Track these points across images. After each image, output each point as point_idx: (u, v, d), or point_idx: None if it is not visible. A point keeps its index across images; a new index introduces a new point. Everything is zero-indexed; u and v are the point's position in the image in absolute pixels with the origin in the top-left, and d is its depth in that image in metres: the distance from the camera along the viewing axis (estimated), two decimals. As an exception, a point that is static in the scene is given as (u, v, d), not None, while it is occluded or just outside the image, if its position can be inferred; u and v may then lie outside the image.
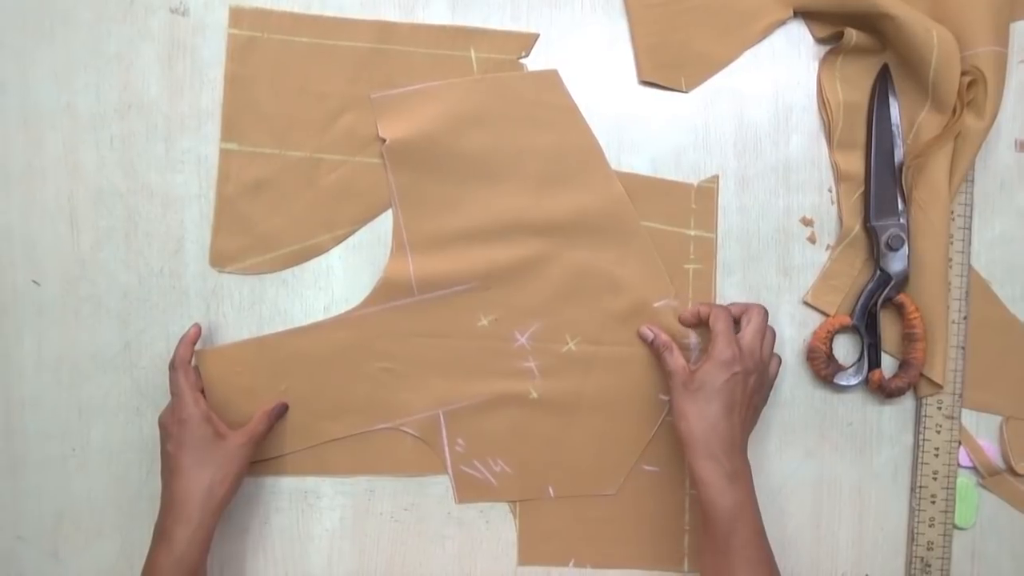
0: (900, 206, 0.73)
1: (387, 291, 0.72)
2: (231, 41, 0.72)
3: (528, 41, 0.73)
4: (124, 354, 0.72)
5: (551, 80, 0.73)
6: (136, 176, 0.72)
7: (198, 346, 0.71)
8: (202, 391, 0.70)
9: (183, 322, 0.72)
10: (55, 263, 0.72)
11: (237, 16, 0.72)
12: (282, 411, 0.71)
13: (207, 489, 0.65)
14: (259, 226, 0.72)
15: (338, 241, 0.73)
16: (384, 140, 0.72)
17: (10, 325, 0.71)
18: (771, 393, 0.72)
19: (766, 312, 0.69)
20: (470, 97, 0.73)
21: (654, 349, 0.71)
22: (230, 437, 0.67)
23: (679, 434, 0.66)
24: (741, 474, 0.65)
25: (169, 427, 0.66)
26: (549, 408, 0.74)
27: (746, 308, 0.69)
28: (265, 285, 0.73)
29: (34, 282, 0.71)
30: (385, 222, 0.73)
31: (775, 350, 0.70)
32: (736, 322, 0.69)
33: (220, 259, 0.72)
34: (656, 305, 0.73)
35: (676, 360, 0.68)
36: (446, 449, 0.74)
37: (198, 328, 0.70)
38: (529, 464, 0.74)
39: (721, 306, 0.70)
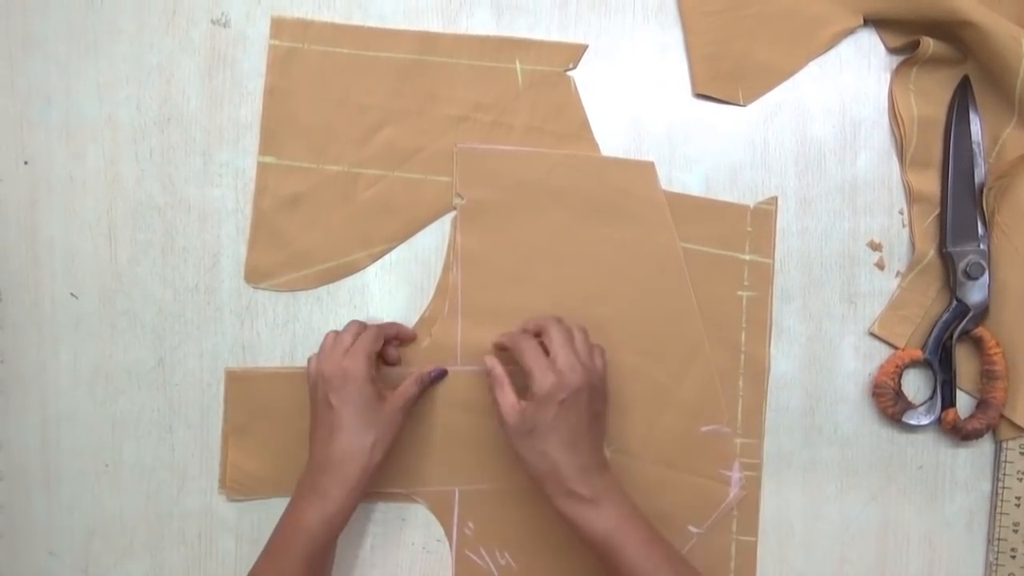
0: (980, 231, 0.67)
1: (431, 353, 0.69)
2: (272, 52, 0.70)
3: (576, 52, 0.70)
4: (158, 370, 0.71)
5: (647, 171, 0.69)
6: (174, 190, 0.71)
7: (230, 365, 0.70)
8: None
9: (216, 339, 0.70)
10: (93, 276, 0.71)
11: (278, 27, 0.70)
12: (439, 376, 0.68)
13: (368, 451, 0.62)
14: (295, 242, 0.70)
15: (374, 259, 0.70)
16: (461, 196, 0.69)
17: (48, 338, 0.71)
18: (832, 431, 0.68)
19: (561, 320, 0.64)
20: (559, 172, 0.69)
21: (489, 381, 0.65)
22: (388, 401, 0.64)
23: (528, 475, 0.62)
24: (605, 493, 0.60)
25: (332, 377, 0.62)
26: None
27: (540, 325, 0.64)
28: (299, 303, 0.70)
29: (72, 295, 0.71)
30: (423, 239, 0.70)
31: (585, 355, 0.63)
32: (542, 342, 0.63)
33: (255, 275, 0.70)
34: (704, 430, 0.69)
35: (506, 398, 0.63)
36: (455, 528, 0.70)
37: (414, 336, 0.69)
38: (537, 564, 0.69)
39: (519, 334, 0.65)
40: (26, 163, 0.71)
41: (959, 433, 0.67)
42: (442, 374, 0.68)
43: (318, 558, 0.62)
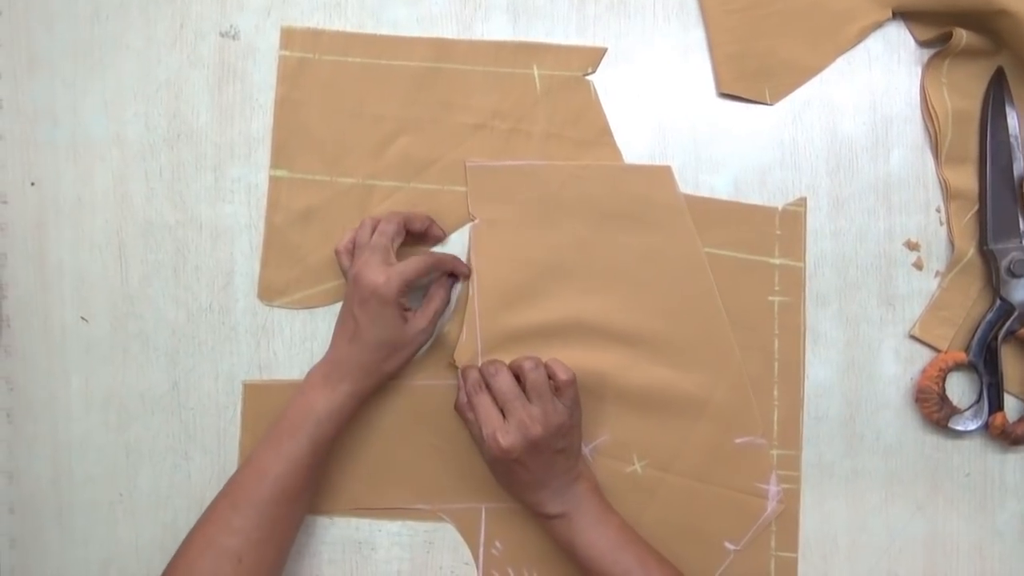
0: (1022, 227, 0.64)
1: (454, 372, 0.67)
2: (282, 63, 0.68)
3: (595, 56, 0.68)
4: (172, 394, 0.68)
5: (663, 176, 0.67)
6: (185, 208, 0.69)
7: (247, 378, 0.68)
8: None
9: (232, 360, 0.68)
10: (103, 299, 0.69)
11: (289, 37, 0.68)
12: (465, 274, 0.66)
13: (380, 362, 0.63)
14: (309, 257, 0.68)
15: (393, 273, 0.68)
16: (474, 217, 0.67)
17: (58, 364, 0.69)
18: (875, 439, 0.66)
19: (502, 371, 0.63)
20: (573, 184, 0.67)
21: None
22: (411, 320, 0.64)
23: None
24: (574, 506, 0.63)
25: (362, 288, 0.62)
26: None
27: (487, 374, 0.63)
28: (316, 320, 0.68)
29: (82, 319, 0.69)
30: (441, 251, 0.68)
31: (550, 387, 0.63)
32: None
33: (269, 292, 0.68)
34: (738, 442, 0.66)
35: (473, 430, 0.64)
36: (481, 548, 0.68)
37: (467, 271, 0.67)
38: None
39: (475, 389, 0.63)
40: (33, 184, 0.69)
41: (1008, 438, 0.64)
42: (466, 273, 0.67)
43: (322, 445, 0.62)
